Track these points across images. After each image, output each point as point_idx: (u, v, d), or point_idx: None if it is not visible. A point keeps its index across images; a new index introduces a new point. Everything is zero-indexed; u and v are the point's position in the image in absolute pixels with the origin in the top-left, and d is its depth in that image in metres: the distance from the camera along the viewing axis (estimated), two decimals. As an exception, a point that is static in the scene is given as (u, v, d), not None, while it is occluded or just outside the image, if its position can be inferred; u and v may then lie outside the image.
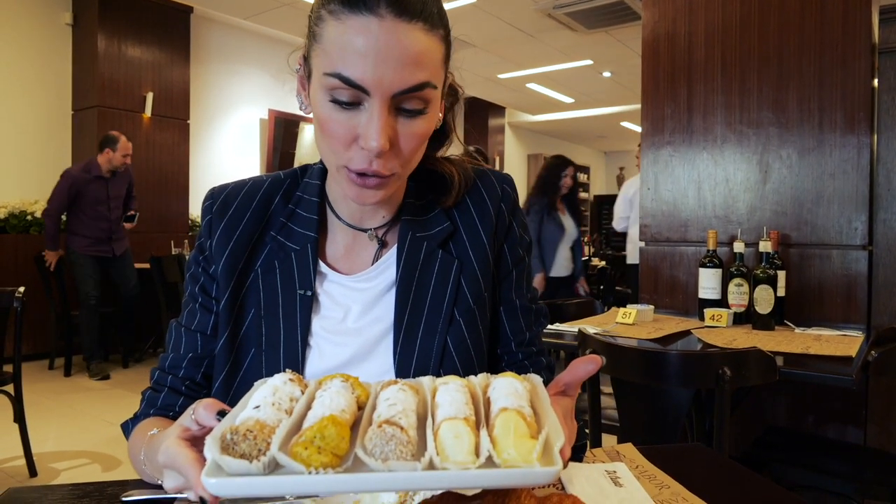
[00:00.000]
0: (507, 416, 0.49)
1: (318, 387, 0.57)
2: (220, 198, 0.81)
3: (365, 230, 0.80)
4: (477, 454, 0.47)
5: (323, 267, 0.79)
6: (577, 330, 1.67)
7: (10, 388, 2.57)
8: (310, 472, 0.46)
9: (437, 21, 0.67)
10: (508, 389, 0.53)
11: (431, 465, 0.46)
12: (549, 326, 1.91)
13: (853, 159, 2.06)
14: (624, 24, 5.66)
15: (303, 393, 0.57)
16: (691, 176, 2.38)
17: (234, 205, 0.80)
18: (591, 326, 1.88)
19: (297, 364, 0.74)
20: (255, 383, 0.59)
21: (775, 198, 2.20)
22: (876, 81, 2.15)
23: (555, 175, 4.19)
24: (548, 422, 0.50)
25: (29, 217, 4.83)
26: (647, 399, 1.48)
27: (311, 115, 0.72)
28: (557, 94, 8.71)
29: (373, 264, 0.80)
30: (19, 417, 2.58)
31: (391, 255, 0.79)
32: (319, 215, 0.80)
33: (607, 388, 1.66)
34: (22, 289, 2.55)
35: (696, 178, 2.37)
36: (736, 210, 2.28)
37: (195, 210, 5.76)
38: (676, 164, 2.41)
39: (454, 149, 0.89)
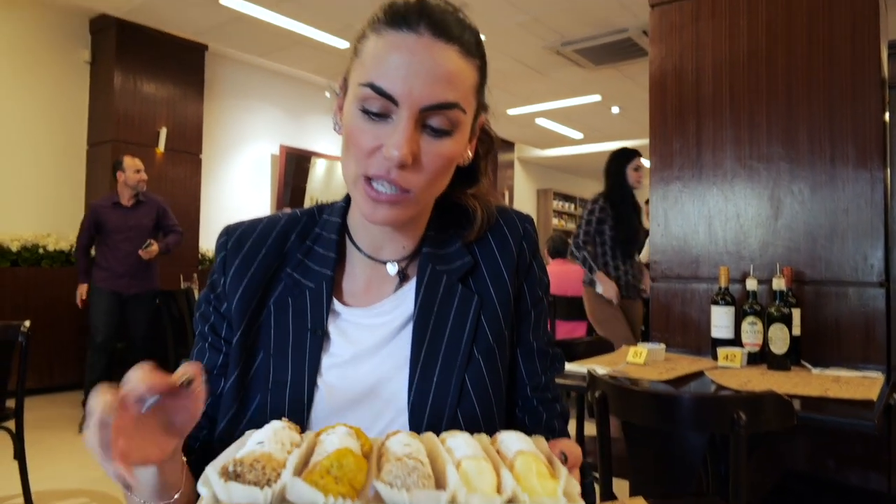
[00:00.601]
0: (527, 458, 0.49)
1: (318, 435, 0.54)
2: (236, 234, 0.80)
3: (385, 262, 0.78)
4: (500, 493, 0.45)
5: (337, 305, 0.76)
6: (586, 371, 1.62)
7: (11, 424, 2.54)
8: (327, 502, 0.42)
9: (473, 49, 0.69)
10: (519, 438, 0.53)
11: (455, 499, 0.44)
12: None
13: (867, 194, 2.03)
14: (632, 60, 5.71)
15: (301, 440, 0.54)
16: (702, 211, 2.35)
17: (250, 242, 0.79)
18: (600, 367, 1.83)
19: (302, 403, 0.71)
20: (246, 433, 0.57)
21: (788, 233, 2.16)
22: (887, 116, 2.12)
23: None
24: (561, 468, 0.49)
25: (41, 251, 4.87)
26: (660, 443, 1.43)
27: (340, 132, 0.72)
28: (567, 130, 8.76)
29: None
30: (20, 455, 2.54)
31: (410, 287, 0.77)
32: (338, 252, 0.78)
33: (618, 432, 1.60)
34: (27, 323, 2.53)
35: (706, 214, 2.34)
36: (748, 246, 2.24)
37: (205, 244, 5.78)
38: (686, 199, 2.39)
39: None
